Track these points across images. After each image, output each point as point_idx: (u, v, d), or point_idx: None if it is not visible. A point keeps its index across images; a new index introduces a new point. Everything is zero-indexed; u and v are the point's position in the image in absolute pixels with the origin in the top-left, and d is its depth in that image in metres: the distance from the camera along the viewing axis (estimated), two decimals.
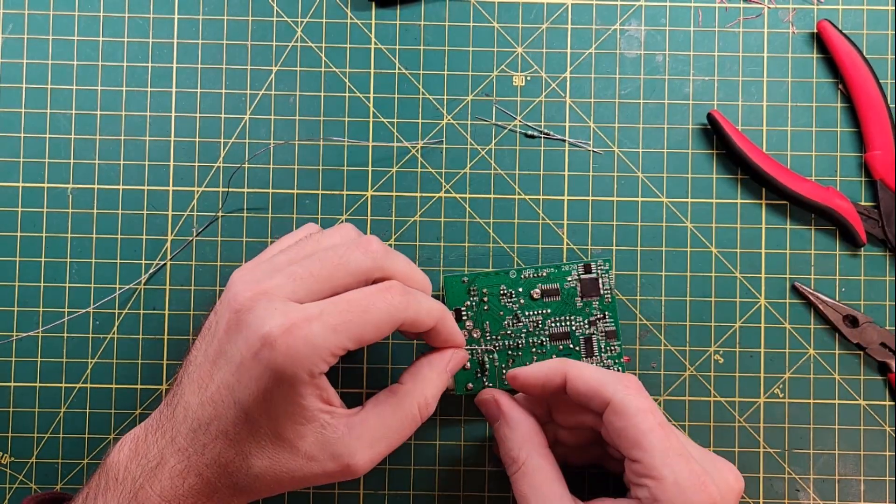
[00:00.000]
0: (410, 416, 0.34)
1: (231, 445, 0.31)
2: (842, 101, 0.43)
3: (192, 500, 0.32)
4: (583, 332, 0.40)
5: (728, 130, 0.41)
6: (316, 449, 0.32)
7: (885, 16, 0.43)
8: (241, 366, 0.30)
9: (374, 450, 0.33)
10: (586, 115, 0.43)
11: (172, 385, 0.34)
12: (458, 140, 0.43)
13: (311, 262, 0.32)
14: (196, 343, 0.34)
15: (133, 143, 0.42)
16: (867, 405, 0.42)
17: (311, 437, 0.32)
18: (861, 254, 0.42)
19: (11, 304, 0.42)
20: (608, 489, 0.42)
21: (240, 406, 0.31)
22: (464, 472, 0.42)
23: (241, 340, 0.30)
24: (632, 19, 0.43)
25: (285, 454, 0.31)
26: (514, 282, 0.40)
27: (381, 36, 0.43)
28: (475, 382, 0.40)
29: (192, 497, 0.32)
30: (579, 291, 0.40)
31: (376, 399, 0.34)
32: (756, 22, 0.43)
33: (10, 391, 0.42)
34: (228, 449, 0.31)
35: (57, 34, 0.43)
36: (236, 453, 0.31)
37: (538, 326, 0.40)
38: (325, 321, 0.30)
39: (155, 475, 0.31)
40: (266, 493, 0.33)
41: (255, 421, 0.31)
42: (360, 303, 0.31)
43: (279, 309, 0.30)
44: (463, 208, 0.42)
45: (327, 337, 0.30)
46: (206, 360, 0.32)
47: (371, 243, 0.33)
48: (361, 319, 0.31)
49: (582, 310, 0.40)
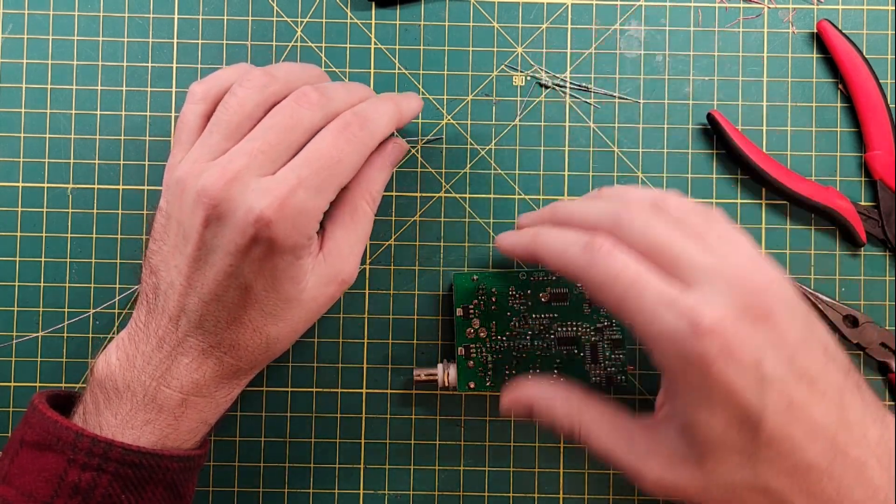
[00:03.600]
0: (364, 214, 0.35)
1: (243, 326, 0.33)
2: (842, 101, 0.43)
3: (216, 383, 0.33)
4: (589, 338, 0.40)
5: (728, 130, 0.41)
6: (316, 290, 0.34)
7: (885, 16, 0.43)
8: (239, 252, 0.31)
9: (354, 256, 0.35)
10: (586, 115, 0.43)
11: (140, 297, 0.34)
12: (458, 140, 0.43)
13: (266, 134, 0.32)
14: (155, 248, 0.33)
15: (133, 143, 0.42)
16: None
17: (310, 284, 0.33)
18: (861, 254, 0.42)
19: (11, 305, 0.42)
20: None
21: (246, 289, 0.32)
22: (464, 472, 0.42)
23: (229, 230, 0.30)
24: (632, 19, 0.43)
25: (294, 309, 0.33)
26: (523, 283, 0.40)
27: (381, 36, 0.43)
28: (477, 381, 0.40)
29: (216, 381, 0.33)
30: (588, 298, 0.40)
31: (332, 217, 0.35)
32: (756, 22, 0.43)
33: (10, 391, 0.42)
34: (242, 330, 0.33)
35: (57, 34, 0.43)
36: (252, 331, 0.33)
37: (545, 330, 0.40)
38: (308, 185, 0.31)
39: (170, 375, 0.32)
40: (286, 346, 0.35)
41: (262, 296, 0.32)
42: (331, 154, 0.32)
43: (260, 189, 0.30)
44: (463, 208, 0.42)
45: (314, 199, 0.31)
46: (185, 260, 0.32)
47: (308, 96, 0.33)
48: (338, 170, 0.32)
49: (589, 316, 0.40)
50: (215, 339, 0.33)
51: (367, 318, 0.42)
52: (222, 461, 0.42)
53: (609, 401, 0.33)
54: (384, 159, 0.37)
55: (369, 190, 0.36)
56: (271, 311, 0.33)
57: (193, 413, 0.33)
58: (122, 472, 0.30)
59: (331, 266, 0.34)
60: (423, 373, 0.40)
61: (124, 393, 0.32)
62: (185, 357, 0.32)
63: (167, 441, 0.32)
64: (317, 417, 0.42)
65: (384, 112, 0.34)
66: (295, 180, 0.31)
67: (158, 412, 0.32)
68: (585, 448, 0.33)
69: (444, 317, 0.42)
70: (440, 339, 0.42)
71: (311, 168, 0.31)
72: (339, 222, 0.35)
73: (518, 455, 0.42)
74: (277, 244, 0.31)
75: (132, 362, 0.32)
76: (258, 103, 0.33)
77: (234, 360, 0.33)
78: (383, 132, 0.34)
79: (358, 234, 0.35)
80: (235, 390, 0.35)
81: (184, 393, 0.32)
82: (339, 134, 0.32)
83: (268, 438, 0.42)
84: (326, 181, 0.31)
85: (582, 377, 0.40)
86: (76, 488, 0.30)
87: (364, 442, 0.42)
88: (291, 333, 0.34)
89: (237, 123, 0.32)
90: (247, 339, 0.33)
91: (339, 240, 0.35)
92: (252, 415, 0.42)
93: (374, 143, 0.33)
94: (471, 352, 0.40)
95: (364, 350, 0.42)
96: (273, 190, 0.30)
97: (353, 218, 0.35)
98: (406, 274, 0.42)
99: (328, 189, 0.32)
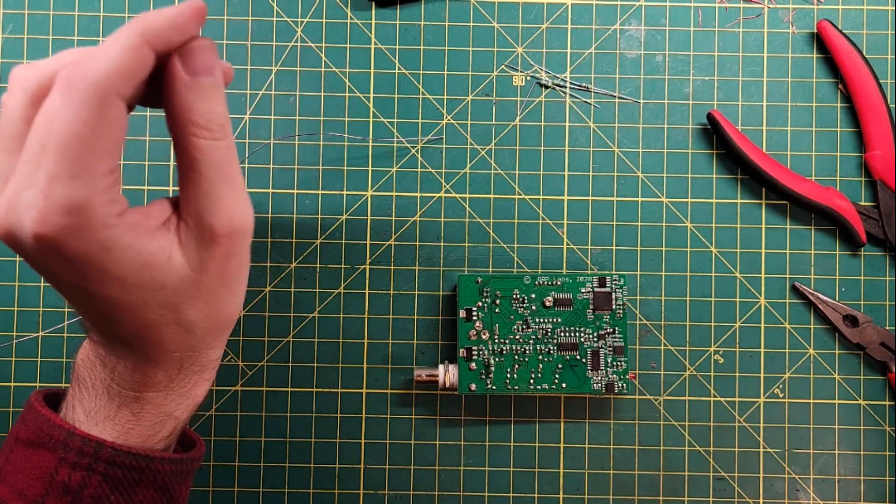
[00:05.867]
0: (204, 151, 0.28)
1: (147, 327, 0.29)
2: (842, 101, 0.43)
3: (165, 378, 0.30)
4: (591, 344, 0.40)
5: (728, 130, 0.41)
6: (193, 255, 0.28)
7: (885, 16, 0.43)
8: (58, 275, 0.26)
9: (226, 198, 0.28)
10: (586, 115, 0.43)
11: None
12: (458, 140, 0.43)
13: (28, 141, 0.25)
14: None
15: (133, 143, 0.42)
16: (867, 405, 0.42)
17: (175, 255, 0.28)
18: (861, 254, 0.42)
19: (11, 305, 0.42)
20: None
21: (106, 299, 0.27)
22: (464, 472, 0.42)
23: (33, 260, 0.26)
24: (632, 19, 0.43)
25: (181, 287, 0.28)
26: (527, 287, 0.40)
27: (381, 36, 0.43)
28: (478, 384, 0.40)
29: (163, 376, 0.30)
30: (592, 303, 0.40)
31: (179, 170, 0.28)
32: (756, 22, 0.43)
33: (10, 391, 0.42)
34: (149, 330, 0.29)
35: (57, 34, 0.42)
36: (158, 327, 0.29)
37: (547, 334, 0.40)
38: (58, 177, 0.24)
39: (117, 373, 0.30)
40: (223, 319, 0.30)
41: (130, 296, 0.27)
42: (63, 128, 0.24)
43: (23, 206, 0.25)
44: (463, 208, 0.42)
45: (79, 188, 0.24)
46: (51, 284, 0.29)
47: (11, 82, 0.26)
48: (82, 142, 0.24)
49: (592, 322, 0.40)
50: (135, 344, 0.29)
51: (367, 318, 0.42)
52: (222, 461, 0.42)
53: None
54: (191, 80, 0.27)
55: (192, 121, 0.27)
56: (154, 302, 0.28)
57: (152, 408, 0.31)
58: (111, 472, 0.30)
59: (198, 222, 0.27)
60: (424, 373, 0.40)
61: (90, 389, 0.31)
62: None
63: (130, 437, 0.31)
64: (317, 417, 0.42)
65: (109, 44, 0.25)
66: (44, 179, 0.24)
67: (117, 408, 0.31)
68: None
69: (445, 317, 0.42)
70: (440, 339, 0.42)
71: (52, 155, 0.24)
72: (183, 175, 0.28)
73: (518, 455, 0.42)
74: (77, 253, 0.25)
75: (90, 359, 0.31)
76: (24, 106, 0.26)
77: (164, 355, 0.30)
78: (118, 64, 0.25)
79: (212, 173, 0.27)
80: (195, 378, 0.32)
81: (135, 390, 0.30)
82: (61, 97, 0.24)
83: (268, 438, 0.42)
84: (78, 162, 0.24)
85: (583, 383, 0.40)
86: (66, 487, 0.29)
87: (364, 442, 0.42)
88: (207, 307, 0.29)
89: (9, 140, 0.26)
90: (160, 335, 0.29)
91: (190, 192, 0.28)
92: (252, 415, 0.42)
93: (109, 83, 0.24)
94: (472, 354, 0.40)
95: (364, 350, 0.42)
96: (31, 203, 0.24)
97: (195, 163, 0.27)
98: (406, 274, 0.42)
99: (88, 168, 0.24)
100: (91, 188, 0.25)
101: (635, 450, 0.42)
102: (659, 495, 0.42)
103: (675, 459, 0.42)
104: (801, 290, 0.42)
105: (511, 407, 0.42)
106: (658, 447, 0.42)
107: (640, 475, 0.42)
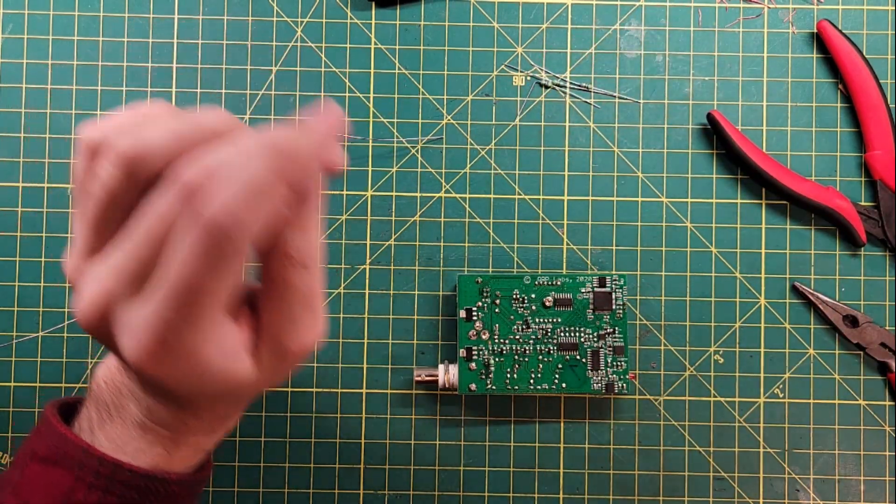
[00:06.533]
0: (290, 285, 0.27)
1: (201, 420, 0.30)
2: (842, 101, 0.43)
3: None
4: (591, 344, 0.40)
5: (728, 130, 0.41)
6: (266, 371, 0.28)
7: (885, 16, 0.43)
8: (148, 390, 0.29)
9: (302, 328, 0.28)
10: (586, 115, 0.43)
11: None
12: (458, 140, 0.43)
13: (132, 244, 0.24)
14: None
15: None
16: (867, 405, 0.42)
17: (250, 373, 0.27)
18: (861, 254, 0.42)
19: (11, 305, 0.42)
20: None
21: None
22: (464, 472, 0.42)
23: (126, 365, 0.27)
24: (632, 19, 0.43)
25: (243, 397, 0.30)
26: (527, 287, 0.40)
27: (381, 36, 0.43)
28: (478, 384, 0.40)
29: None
30: (592, 303, 0.40)
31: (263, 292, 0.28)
32: (756, 22, 0.43)
33: (10, 391, 0.42)
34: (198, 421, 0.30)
35: (57, 34, 0.42)
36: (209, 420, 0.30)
37: (547, 334, 0.40)
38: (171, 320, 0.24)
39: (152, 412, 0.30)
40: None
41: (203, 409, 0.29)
42: (186, 280, 0.23)
43: (126, 329, 0.24)
44: (463, 208, 0.42)
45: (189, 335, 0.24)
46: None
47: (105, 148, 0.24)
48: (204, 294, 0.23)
49: (592, 322, 0.40)
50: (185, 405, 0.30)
51: (367, 318, 0.42)
52: (222, 461, 0.42)
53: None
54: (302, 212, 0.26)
55: (287, 254, 0.26)
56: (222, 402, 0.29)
57: (187, 448, 0.32)
58: (127, 495, 0.30)
59: (275, 343, 0.27)
60: (424, 373, 0.40)
61: (117, 419, 0.31)
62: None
63: (158, 465, 0.31)
64: (317, 417, 0.42)
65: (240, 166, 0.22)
66: (154, 316, 0.23)
67: (150, 444, 0.30)
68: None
69: (445, 317, 0.42)
70: (440, 339, 0.42)
71: (169, 297, 0.23)
72: (267, 297, 0.27)
73: (518, 455, 0.42)
74: (168, 380, 0.25)
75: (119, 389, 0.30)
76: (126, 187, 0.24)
77: (211, 414, 0.31)
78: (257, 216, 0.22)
79: (298, 302, 0.27)
80: (229, 420, 0.32)
81: (173, 432, 0.30)
82: (196, 252, 0.22)
83: (268, 438, 0.42)
84: (195, 309, 0.23)
85: (583, 383, 0.40)
86: None
87: (364, 442, 0.42)
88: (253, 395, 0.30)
89: (101, 216, 0.25)
90: (212, 409, 0.30)
91: (273, 317, 0.27)
92: (252, 415, 0.42)
93: (242, 250, 0.23)
94: (472, 354, 0.40)
95: (364, 350, 0.42)
96: (137, 333, 0.24)
97: (282, 292, 0.27)
98: (406, 274, 0.42)
99: (202, 314, 0.24)
100: (201, 336, 0.24)
101: (635, 450, 0.42)
102: (659, 495, 0.42)
103: (675, 459, 0.42)
104: (801, 290, 0.42)
105: (511, 407, 0.42)
106: (658, 447, 0.42)
107: (640, 475, 0.42)
